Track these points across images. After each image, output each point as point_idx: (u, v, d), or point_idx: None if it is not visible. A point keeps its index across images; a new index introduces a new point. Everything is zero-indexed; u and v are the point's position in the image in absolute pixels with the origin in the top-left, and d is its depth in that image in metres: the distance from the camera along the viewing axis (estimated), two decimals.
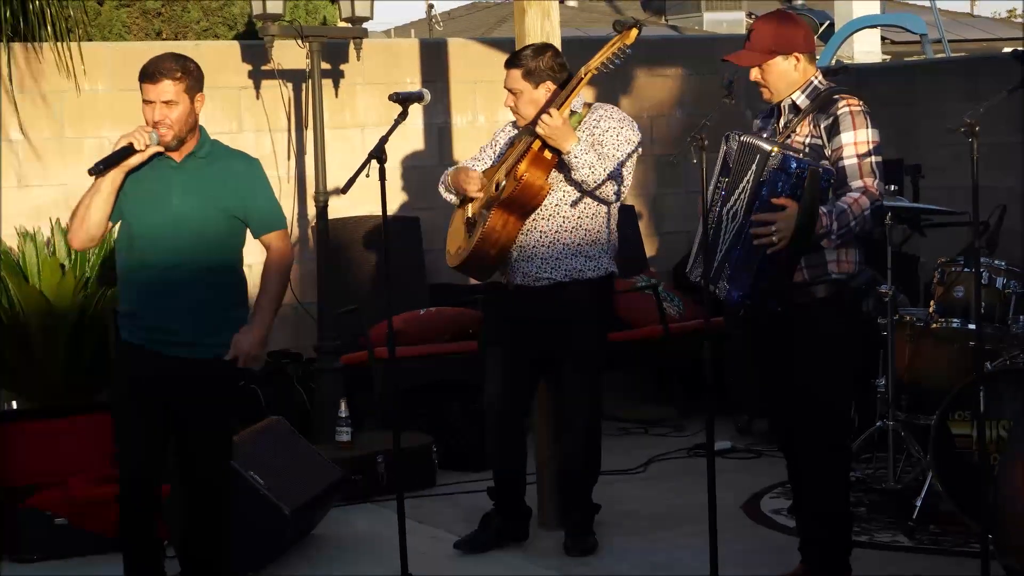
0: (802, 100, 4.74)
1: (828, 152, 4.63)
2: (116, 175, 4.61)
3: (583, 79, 5.39)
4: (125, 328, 4.74)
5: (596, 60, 5.37)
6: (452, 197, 5.73)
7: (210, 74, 4.82)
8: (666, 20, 23.62)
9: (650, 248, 8.84)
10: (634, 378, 8.46)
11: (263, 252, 4.84)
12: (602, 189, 5.43)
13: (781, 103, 4.78)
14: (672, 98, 9.06)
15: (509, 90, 5.57)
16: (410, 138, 8.18)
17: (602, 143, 5.47)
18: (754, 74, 4.76)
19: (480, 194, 5.54)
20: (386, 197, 4.98)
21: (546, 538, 5.78)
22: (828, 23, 19.67)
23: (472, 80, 8.32)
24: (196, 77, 4.67)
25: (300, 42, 7.43)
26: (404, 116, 5.18)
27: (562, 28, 6.04)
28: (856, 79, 8.49)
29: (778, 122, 4.80)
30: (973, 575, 4.60)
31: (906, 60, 17.00)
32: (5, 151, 7.28)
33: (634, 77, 8.90)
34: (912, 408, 6.02)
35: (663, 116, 9.01)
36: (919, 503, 5.63)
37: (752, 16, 21.24)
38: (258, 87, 7.84)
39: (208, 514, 4.79)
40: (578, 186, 5.46)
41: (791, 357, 4.72)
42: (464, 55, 8.42)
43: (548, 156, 5.41)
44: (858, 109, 4.65)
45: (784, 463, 5.05)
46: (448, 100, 8.35)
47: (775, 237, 4.48)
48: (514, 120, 5.69)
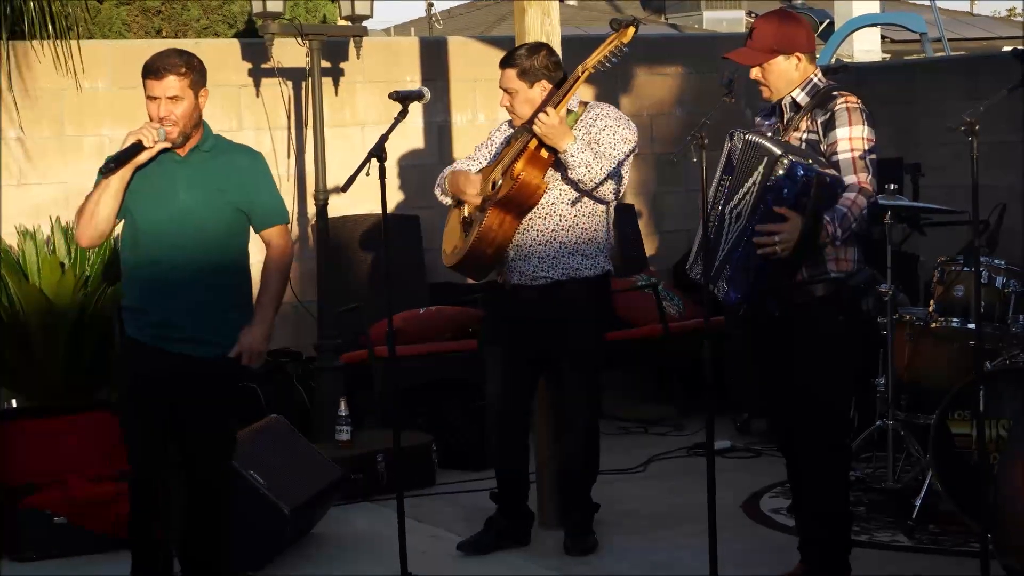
0: (802, 98, 4.74)
1: (824, 147, 4.63)
2: (125, 172, 4.63)
3: (580, 77, 5.38)
4: (130, 324, 4.76)
5: (593, 58, 5.36)
6: (448, 200, 5.71)
7: (210, 72, 4.81)
8: (666, 19, 23.61)
9: (650, 247, 8.83)
10: (634, 377, 8.46)
11: (263, 251, 4.85)
12: (599, 188, 5.42)
13: (782, 101, 4.78)
14: (672, 97, 9.06)
15: (504, 90, 5.56)
16: (410, 136, 8.18)
17: (599, 142, 5.46)
18: (755, 73, 4.76)
19: (479, 200, 5.53)
20: (386, 195, 4.98)
21: (546, 538, 5.77)
22: (828, 22, 19.68)
23: (472, 78, 8.32)
24: (200, 72, 4.69)
25: (300, 40, 7.42)
26: (404, 114, 5.18)
27: (562, 26, 6.04)
28: (856, 78, 8.48)
29: (780, 120, 4.80)
30: (973, 575, 4.60)
31: (906, 59, 17.01)
32: (5, 149, 7.27)
33: (634, 76, 8.89)
34: (912, 407, 6.01)
35: (663, 115, 9.00)
36: (919, 503, 5.63)
37: (752, 15, 21.25)
38: (258, 85, 7.84)
39: (208, 514, 4.79)
40: (575, 185, 5.45)
41: (791, 357, 4.72)
42: (464, 53, 8.42)
43: (545, 155, 5.40)
44: (855, 106, 4.65)
45: (783, 462, 5.05)
46: (448, 98, 8.35)
47: (779, 248, 4.48)
48: (510, 119, 5.68)
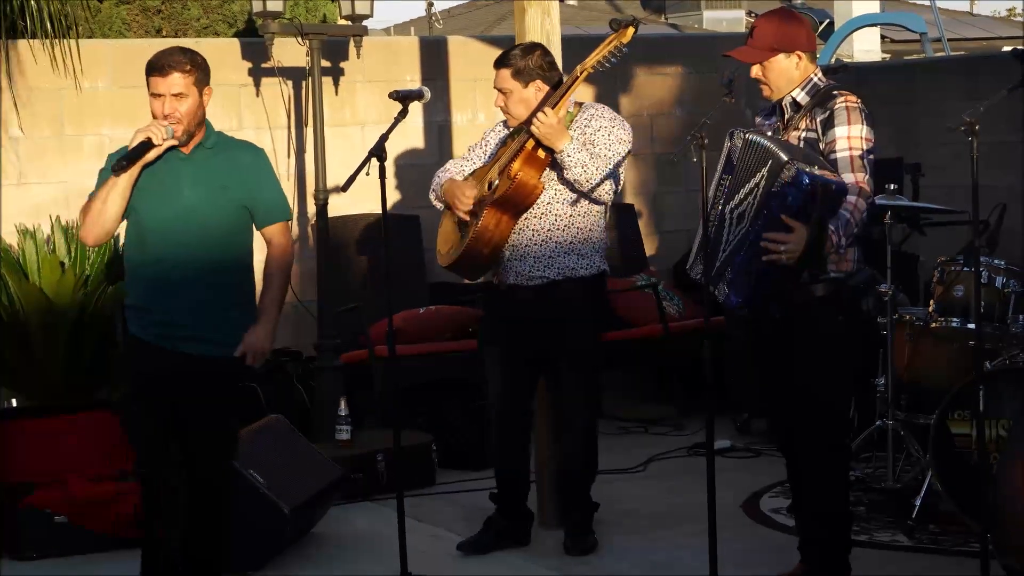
0: (802, 97, 4.74)
1: (822, 145, 4.63)
2: (134, 170, 4.64)
3: (579, 77, 5.37)
4: (133, 322, 4.77)
5: (592, 59, 5.35)
6: (442, 205, 5.70)
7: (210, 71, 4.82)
8: (666, 18, 23.60)
9: (650, 247, 8.83)
10: (634, 377, 8.46)
11: (263, 250, 4.85)
12: (595, 189, 5.42)
13: (782, 100, 4.78)
14: (672, 96, 9.06)
15: (499, 89, 5.56)
16: (410, 136, 8.18)
17: (594, 143, 5.45)
18: (755, 71, 4.77)
19: (467, 217, 5.49)
20: (386, 195, 4.98)
21: (546, 538, 5.77)
22: (828, 21, 19.67)
23: (472, 78, 8.32)
24: (204, 70, 4.71)
25: (300, 40, 7.42)
26: (404, 114, 5.19)
27: (562, 26, 6.05)
28: (856, 78, 8.48)
29: (781, 120, 4.80)
30: (973, 575, 4.61)
31: (906, 59, 17.00)
32: (5, 148, 7.27)
33: (634, 76, 8.89)
34: (912, 407, 6.01)
35: (663, 115, 9.00)
36: (918, 502, 5.63)
37: (752, 15, 21.25)
38: (258, 85, 7.84)
39: (208, 513, 4.79)
40: (570, 185, 5.45)
41: (791, 357, 4.72)
42: (464, 53, 8.42)
43: (542, 155, 5.40)
44: (855, 106, 4.65)
45: (783, 462, 5.05)
46: (448, 98, 8.35)
47: (784, 256, 4.47)
48: (504, 120, 5.68)
